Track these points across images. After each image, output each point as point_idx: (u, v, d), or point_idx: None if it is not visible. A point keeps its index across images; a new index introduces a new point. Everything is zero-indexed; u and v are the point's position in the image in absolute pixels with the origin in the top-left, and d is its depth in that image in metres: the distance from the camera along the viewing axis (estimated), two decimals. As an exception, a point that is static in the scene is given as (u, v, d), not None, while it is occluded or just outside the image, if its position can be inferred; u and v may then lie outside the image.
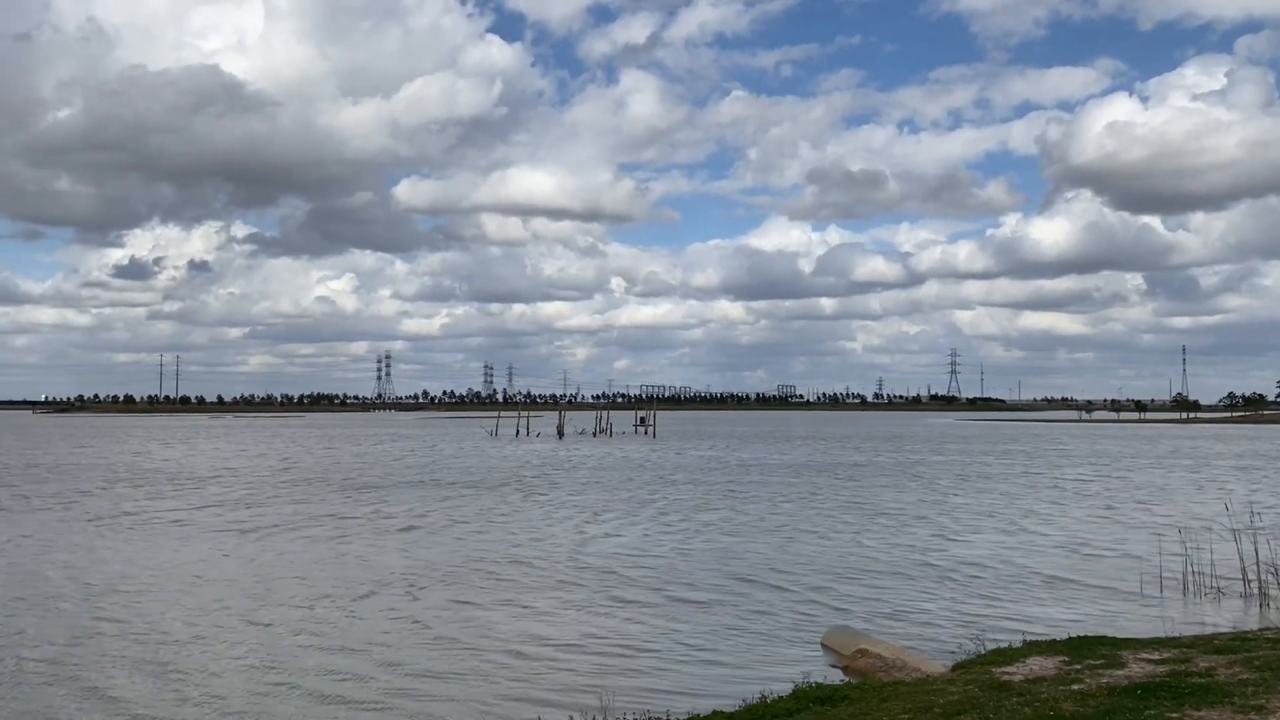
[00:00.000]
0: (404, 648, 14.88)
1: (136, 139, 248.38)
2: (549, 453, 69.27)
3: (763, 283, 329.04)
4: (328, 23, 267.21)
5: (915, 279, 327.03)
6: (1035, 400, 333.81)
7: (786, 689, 11.09)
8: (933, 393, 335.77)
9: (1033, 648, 11.97)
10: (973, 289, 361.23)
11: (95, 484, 42.75)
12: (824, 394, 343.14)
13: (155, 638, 15.41)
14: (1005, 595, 18.54)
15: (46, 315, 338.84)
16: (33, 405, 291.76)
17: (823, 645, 14.76)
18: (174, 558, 22.98)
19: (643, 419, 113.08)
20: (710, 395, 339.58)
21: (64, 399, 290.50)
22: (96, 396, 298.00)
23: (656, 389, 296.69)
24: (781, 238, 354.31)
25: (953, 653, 13.45)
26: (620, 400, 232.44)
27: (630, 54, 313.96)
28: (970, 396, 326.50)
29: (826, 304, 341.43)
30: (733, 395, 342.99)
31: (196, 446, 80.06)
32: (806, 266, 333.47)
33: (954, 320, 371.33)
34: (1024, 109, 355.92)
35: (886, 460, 61.13)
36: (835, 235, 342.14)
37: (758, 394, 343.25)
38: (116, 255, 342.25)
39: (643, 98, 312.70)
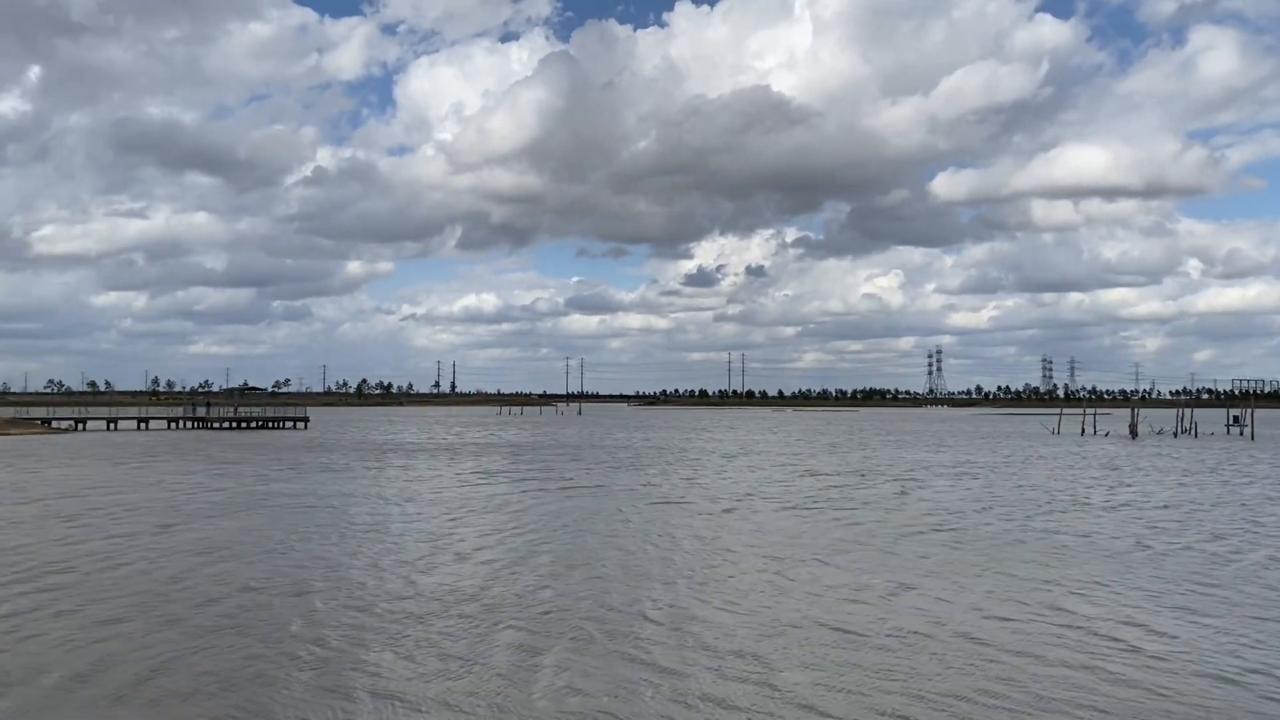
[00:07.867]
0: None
1: (698, 161, 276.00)
2: (1126, 455, 63.44)
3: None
4: (872, 27, 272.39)
5: None
6: None
7: None
8: None
9: None
10: None
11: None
12: None
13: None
14: None
15: (634, 321, 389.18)
16: (627, 399, 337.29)
17: None
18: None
19: (1236, 417, 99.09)
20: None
21: (650, 393, 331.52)
22: (677, 391, 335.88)
23: (1253, 384, 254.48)
24: None
25: None
26: (1206, 396, 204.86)
27: (1199, 9, 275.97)
28: None
29: None
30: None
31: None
32: None
33: None
34: None
35: None
36: None
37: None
38: (686, 265, 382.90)
39: (1217, 55, 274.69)
